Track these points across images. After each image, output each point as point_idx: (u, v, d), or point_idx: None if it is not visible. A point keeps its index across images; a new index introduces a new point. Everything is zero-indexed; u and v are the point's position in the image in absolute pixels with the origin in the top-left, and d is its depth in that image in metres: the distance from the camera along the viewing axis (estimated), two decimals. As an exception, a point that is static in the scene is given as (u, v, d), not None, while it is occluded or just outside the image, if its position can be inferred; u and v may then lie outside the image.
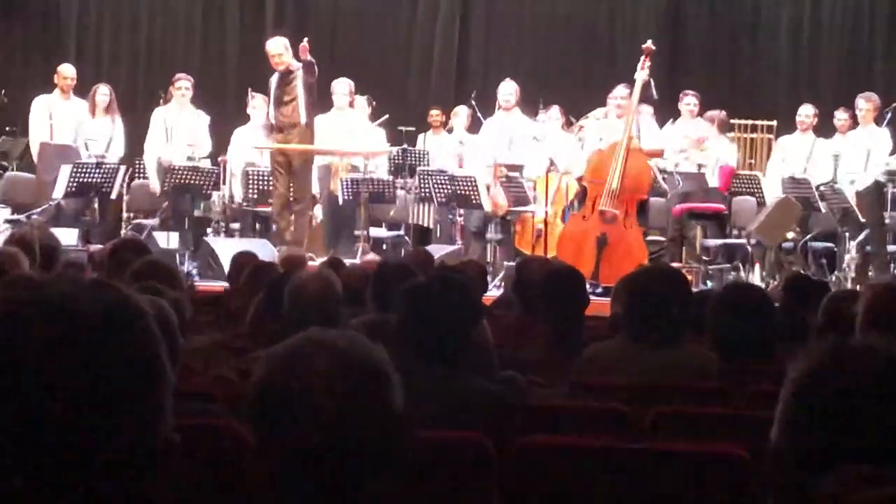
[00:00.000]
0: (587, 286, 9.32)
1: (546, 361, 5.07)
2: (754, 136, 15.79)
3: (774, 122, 14.82)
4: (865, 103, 12.77)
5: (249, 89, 13.61)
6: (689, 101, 13.17)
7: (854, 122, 12.91)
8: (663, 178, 13.03)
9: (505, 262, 12.09)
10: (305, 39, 12.16)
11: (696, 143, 12.85)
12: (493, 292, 10.67)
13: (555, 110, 13.22)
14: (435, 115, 14.81)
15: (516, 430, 3.54)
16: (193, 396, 3.87)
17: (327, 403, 1.88)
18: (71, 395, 1.27)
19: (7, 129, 14.28)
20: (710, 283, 11.97)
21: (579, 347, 4.91)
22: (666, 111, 13.51)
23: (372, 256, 9.60)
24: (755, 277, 12.26)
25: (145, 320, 1.37)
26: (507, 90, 12.91)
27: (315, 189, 13.22)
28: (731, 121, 14.36)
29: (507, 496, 3.31)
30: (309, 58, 12.03)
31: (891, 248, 12.52)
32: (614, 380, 4.47)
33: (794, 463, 1.77)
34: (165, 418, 1.36)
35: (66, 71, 13.34)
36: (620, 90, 12.05)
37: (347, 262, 8.92)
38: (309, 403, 1.88)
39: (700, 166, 12.90)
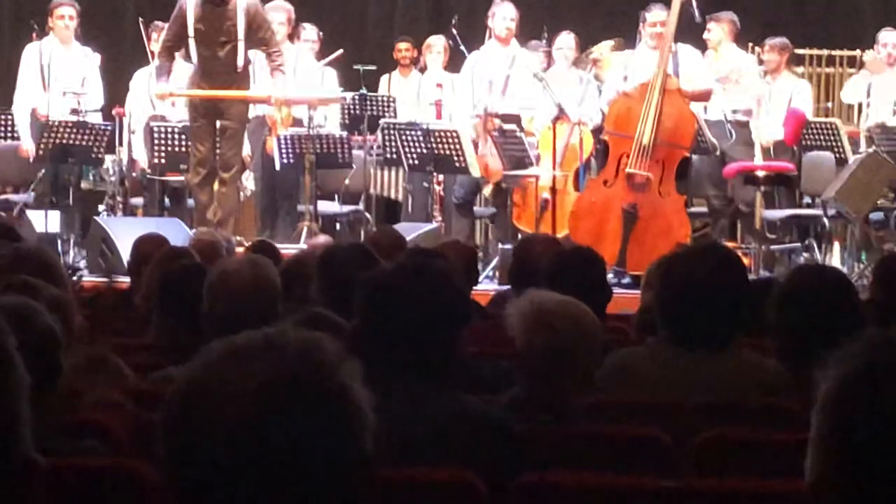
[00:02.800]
0: (610, 275, 9.38)
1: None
2: (830, 70, 15.84)
3: (857, 53, 14.82)
4: None
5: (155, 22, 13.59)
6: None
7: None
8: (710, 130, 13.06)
9: (500, 245, 12.11)
10: None
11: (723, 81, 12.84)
12: (486, 284, 10.70)
13: (566, 39, 13.21)
14: (403, 49, 14.81)
15: (520, 464, 3.55)
16: (81, 429, 3.88)
17: (267, 431, 1.81)
18: None
19: None
20: (775, 269, 12.00)
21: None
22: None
23: (322, 239, 9.59)
24: (834, 259, 12.30)
25: None
26: (506, 13, 12.93)
27: (245, 150, 13.21)
28: (800, 51, 14.40)
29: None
30: None
31: None
32: (648, 398, 4.48)
33: None
34: (20, 433, 1.36)
35: None
36: (657, 13, 12.05)
37: (288, 247, 8.93)
38: (241, 433, 1.82)
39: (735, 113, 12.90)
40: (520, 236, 11.41)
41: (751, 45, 14.06)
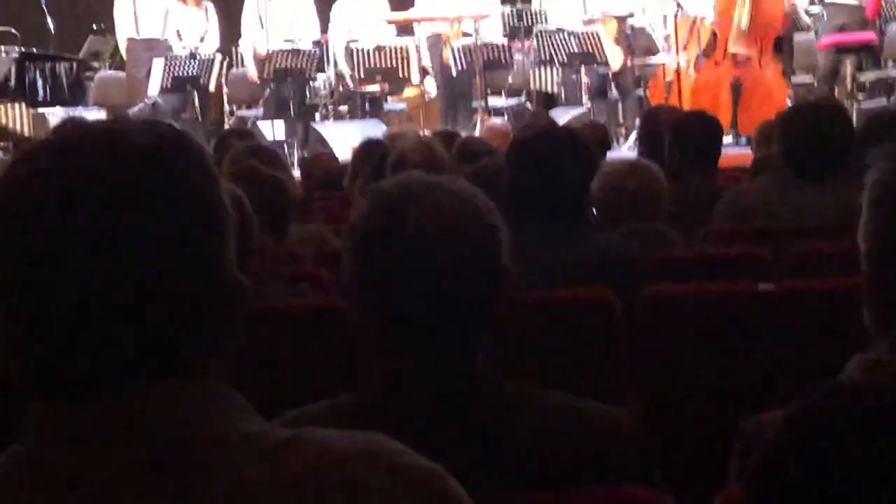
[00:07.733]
0: (729, 137, 9.23)
1: (678, 216, 5.04)
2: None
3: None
4: None
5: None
6: None
7: None
8: (806, 13, 12.77)
9: (637, 120, 11.99)
10: None
11: None
12: (632, 152, 10.62)
13: None
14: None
15: (644, 283, 3.54)
16: (299, 280, 3.97)
17: (437, 245, 1.84)
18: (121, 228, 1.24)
19: (95, 27, 14.44)
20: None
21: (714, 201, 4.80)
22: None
23: (498, 121, 9.49)
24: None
25: (200, 151, 1.32)
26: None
27: (426, 61, 13.21)
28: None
29: (633, 350, 3.34)
30: None
31: None
32: (759, 225, 4.43)
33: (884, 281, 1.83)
34: (229, 257, 1.31)
35: (150, -41, 13.33)
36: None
37: (466, 134, 8.91)
38: (416, 245, 1.85)
39: None
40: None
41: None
